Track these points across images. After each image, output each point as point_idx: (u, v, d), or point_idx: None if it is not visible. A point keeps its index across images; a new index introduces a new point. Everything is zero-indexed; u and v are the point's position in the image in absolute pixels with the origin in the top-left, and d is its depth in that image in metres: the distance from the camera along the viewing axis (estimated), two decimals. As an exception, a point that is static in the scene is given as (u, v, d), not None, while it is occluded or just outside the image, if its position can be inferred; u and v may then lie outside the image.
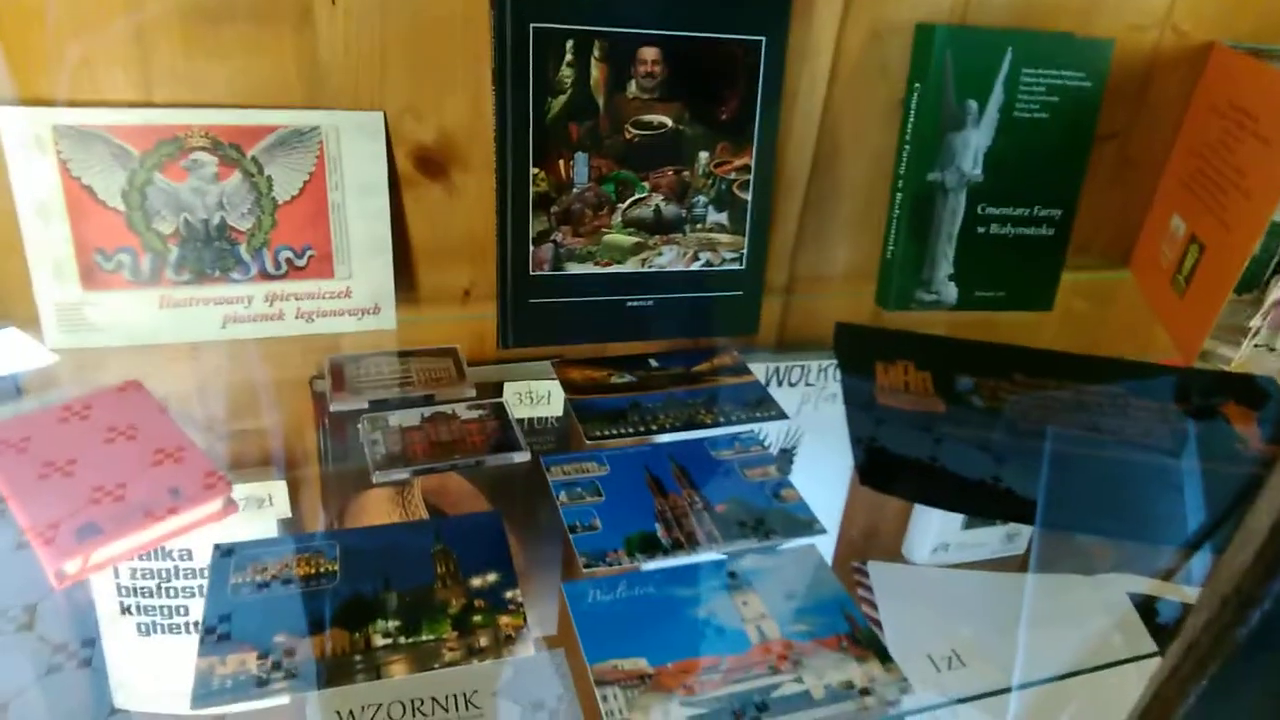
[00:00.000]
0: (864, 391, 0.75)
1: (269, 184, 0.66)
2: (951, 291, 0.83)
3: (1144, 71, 0.84)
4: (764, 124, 0.73)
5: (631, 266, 0.74)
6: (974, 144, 0.78)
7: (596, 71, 0.68)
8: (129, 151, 0.63)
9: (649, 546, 0.61)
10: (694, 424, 0.70)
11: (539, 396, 0.75)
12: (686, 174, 0.73)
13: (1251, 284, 0.76)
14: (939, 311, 0.83)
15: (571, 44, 0.67)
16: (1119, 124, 0.86)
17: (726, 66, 0.71)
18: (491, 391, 0.72)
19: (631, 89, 0.69)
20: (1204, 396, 0.78)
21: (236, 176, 0.66)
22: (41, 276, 0.64)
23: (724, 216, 0.75)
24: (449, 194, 0.72)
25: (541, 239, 0.71)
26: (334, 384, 0.68)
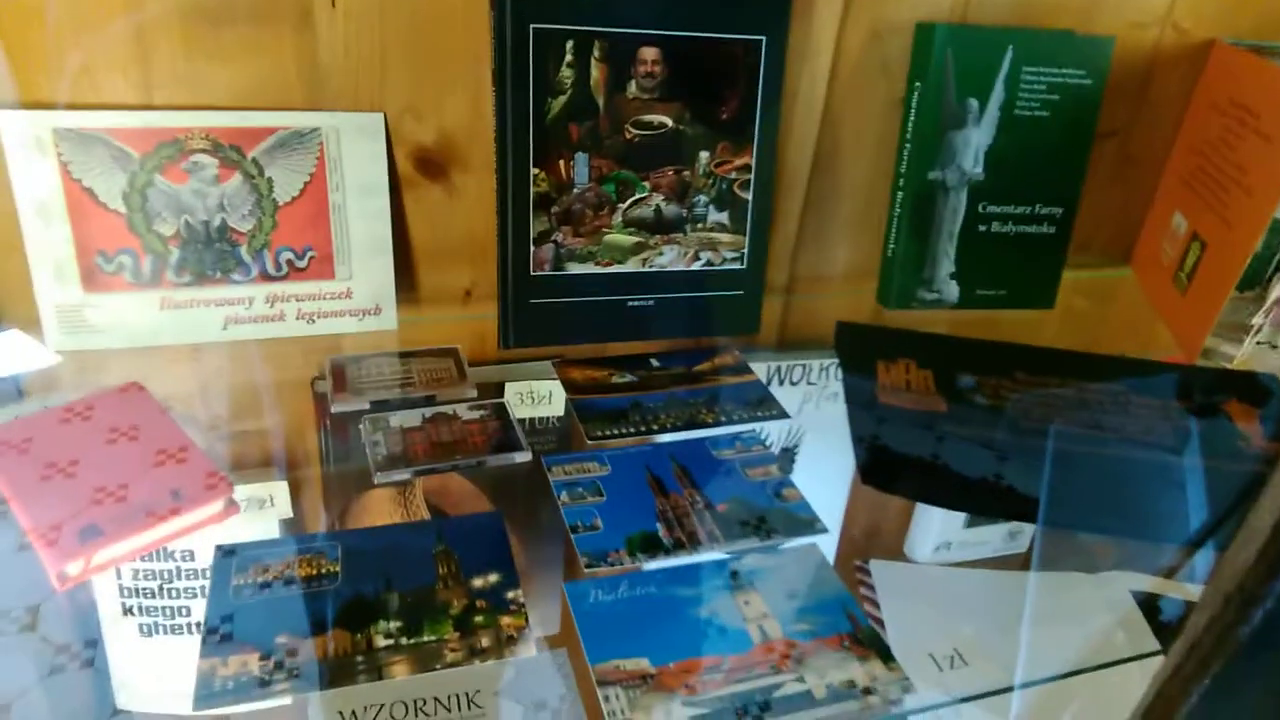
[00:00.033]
0: (865, 390, 0.75)
1: (269, 185, 0.66)
2: (953, 290, 0.83)
3: (1145, 69, 0.84)
4: (764, 123, 0.73)
5: (632, 266, 0.74)
6: (975, 142, 0.78)
7: (596, 72, 0.68)
8: (129, 154, 0.63)
9: (650, 546, 0.61)
10: (695, 423, 0.70)
11: (540, 396, 0.75)
12: (687, 174, 0.73)
13: (1253, 281, 0.75)
14: (940, 310, 0.83)
15: (571, 44, 0.67)
16: (1120, 122, 0.86)
17: (727, 66, 0.71)
18: (493, 392, 0.73)
19: (632, 89, 0.69)
20: (1206, 394, 0.78)
21: (237, 178, 0.66)
22: (42, 278, 0.64)
23: (725, 216, 0.75)
24: (449, 194, 0.72)
25: (542, 239, 0.71)
26: (335, 385, 0.68)
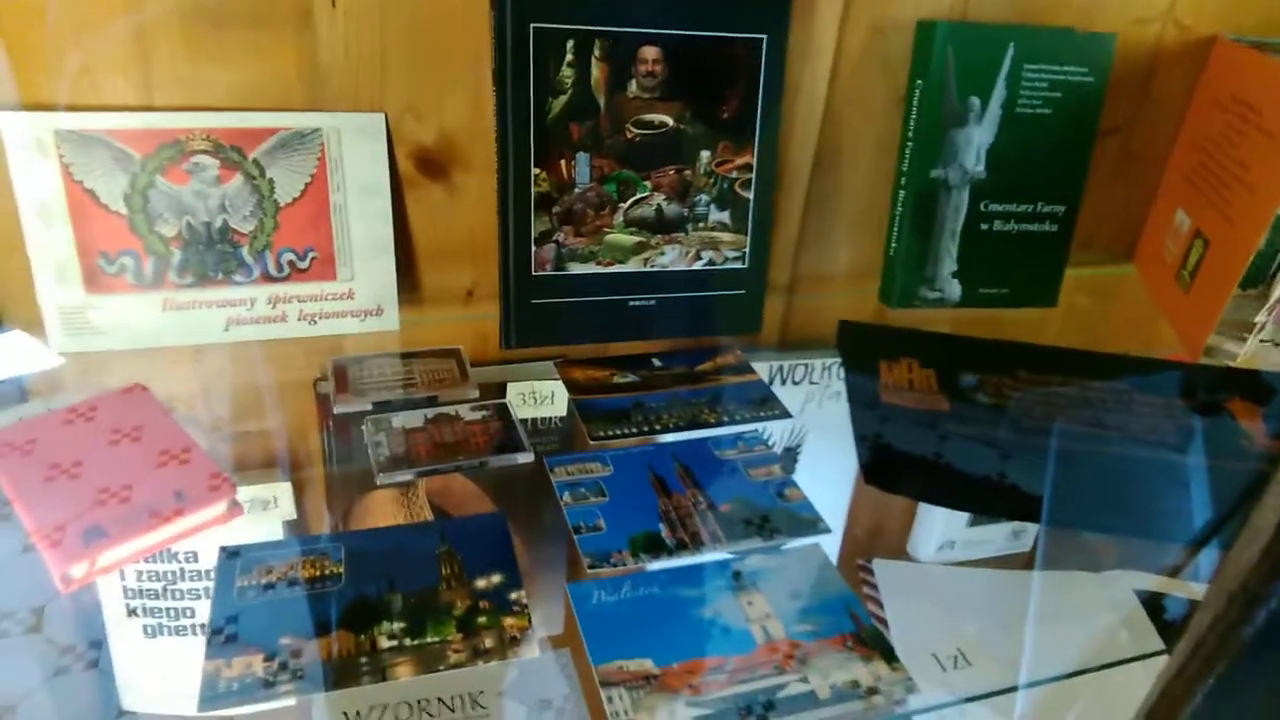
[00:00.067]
0: (868, 390, 0.75)
1: (270, 186, 0.66)
2: (955, 289, 0.83)
3: (1146, 66, 0.84)
4: (765, 122, 0.73)
5: (634, 266, 0.74)
6: (976, 140, 0.78)
7: (597, 71, 0.68)
8: (130, 155, 0.63)
9: (653, 547, 0.61)
10: (697, 423, 0.70)
11: (542, 397, 0.75)
12: (688, 173, 0.73)
13: (1257, 279, 0.75)
14: (942, 309, 0.83)
15: (572, 44, 0.66)
16: (1121, 119, 0.85)
17: (727, 65, 0.71)
18: (495, 392, 0.72)
19: (632, 88, 0.69)
20: (1209, 392, 0.77)
21: (238, 179, 0.66)
22: (44, 280, 0.64)
23: (726, 215, 0.75)
24: (450, 195, 0.72)
25: (543, 239, 0.71)
26: (337, 386, 0.68)
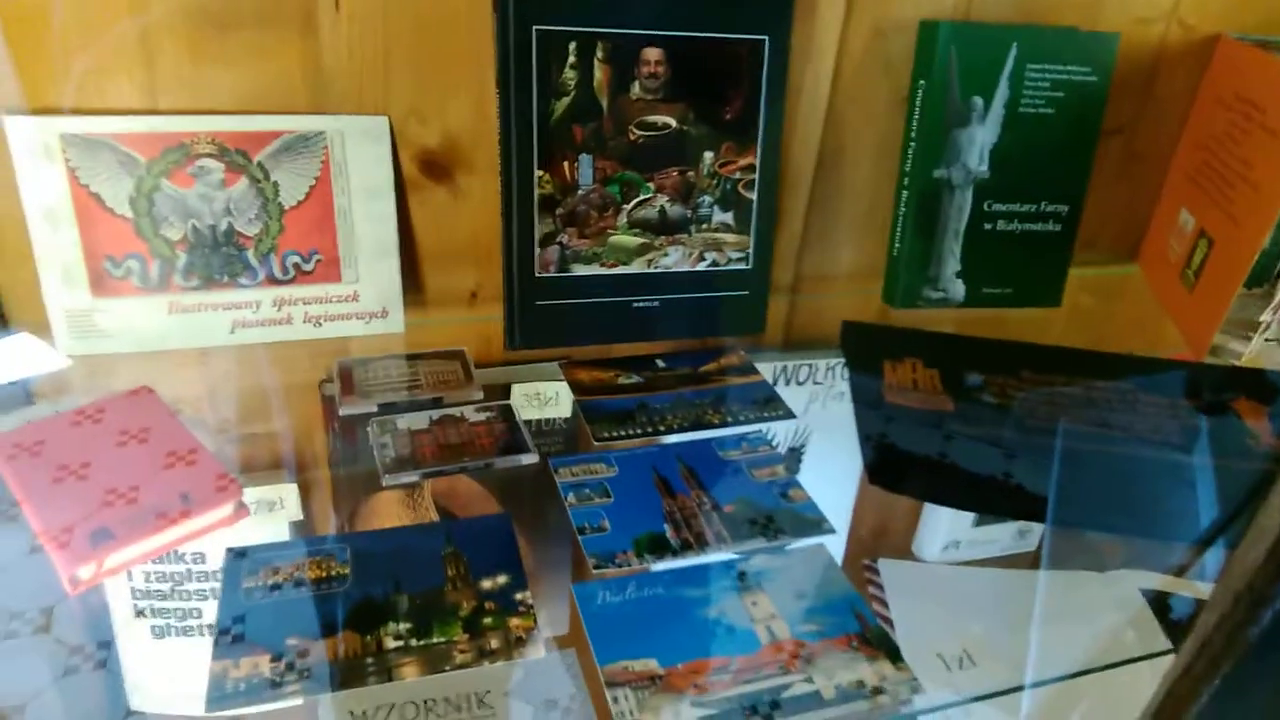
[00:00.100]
0: (872, 390, 0.75)
1: (275, 189, 0.67)
2: (959, 289, 0.83)
3: (1150, 65, 0.83)
4: (768, 123, 0.73)
5: (637, 267, 0.74)
6: (980, 140, 0.78)
7: (600, 73, 0.68)
8: (136, 159, 0.63)
9: (658, 547, 0.61)
10: (702, 424, 0.70)
11: (547, 398, 0.75)
12: (691, 174, 0.73)
13: (1262, 278, 0.75)
14: (946, 309, 0.83)
15: (574, 46, 0.67)
16: (1125, 119, 0.85)
17: (730, 66, 0.71)
18: (499, 393, 0.73)
19: (635, 90, 0.69)
20: (1215, 392, 0.77)
21: (243, 182, 0.66)
22: (51, 283, 0.64)
23: (729, 216, 0.75)
24: (454, 197, 0.72)
25: (547, 241, 0.71)
26: (343, 387, 0.69)
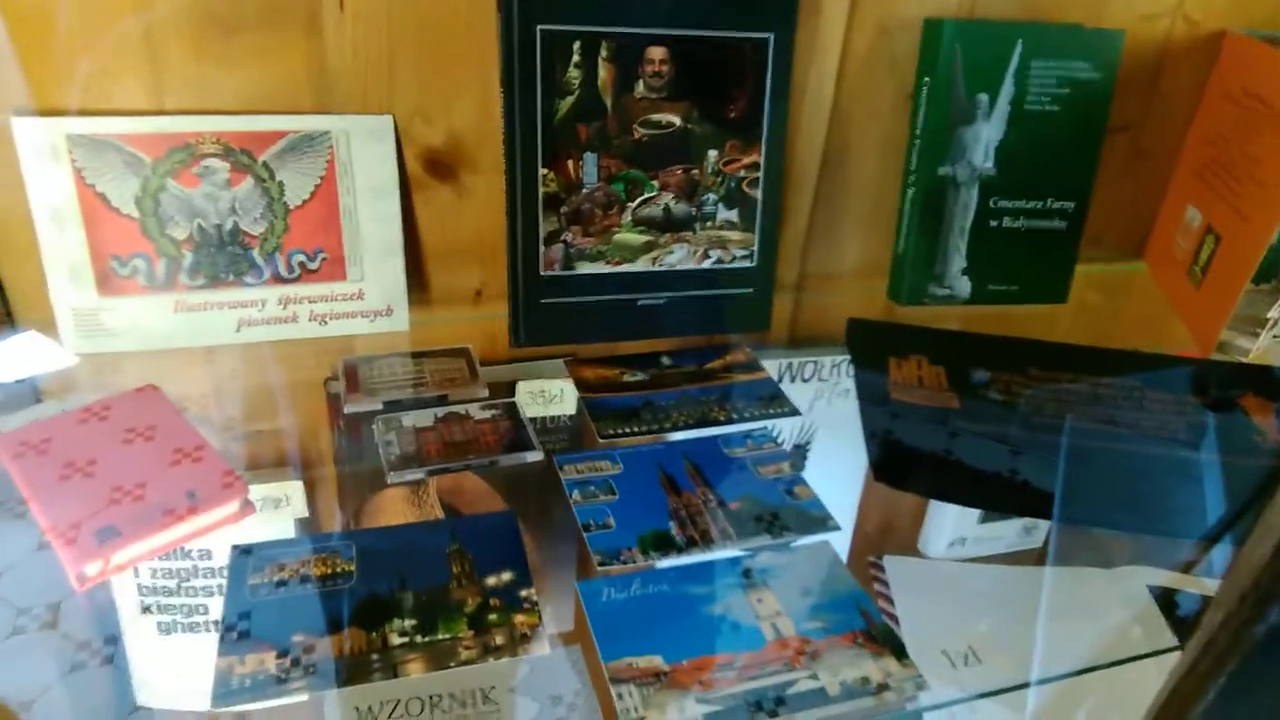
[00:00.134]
0: (877, 387, 0.75)
1: (280, 189, 0.67)
2: (964, 286, 0.82)
3: (1155, 62, 0.83)
4: (773, 121, 0.73)
5: (642, 265, 0.74)
6: (985, 137, 0.78)
7: (604, 72, 0.68)
8: (142, 159, 0.64)
9: (663, 544, 0.61)
10: (707, 421, 0.70)
11: (551, 396, 0.75)
12: (696, 172, 0.73)
13: (1269, 274, 0.75)
14: (952, 306, 0.83)
15: (579, 45, 0.67)
16: (1131, 115, 0.85)
17: (734, 64, 0.71)
18: (504, 391, 0.73)
19: (639, 89, 0.69)
20: (1222, 388, 0.77)
21: (248, 182, 0.66)
22: (58, 282, 0.64)
23: (734, 214, 0.75)
24: (459, 195, 0.72)
25: (552, 239, 0.71)
26: (348, 385, 0.69)
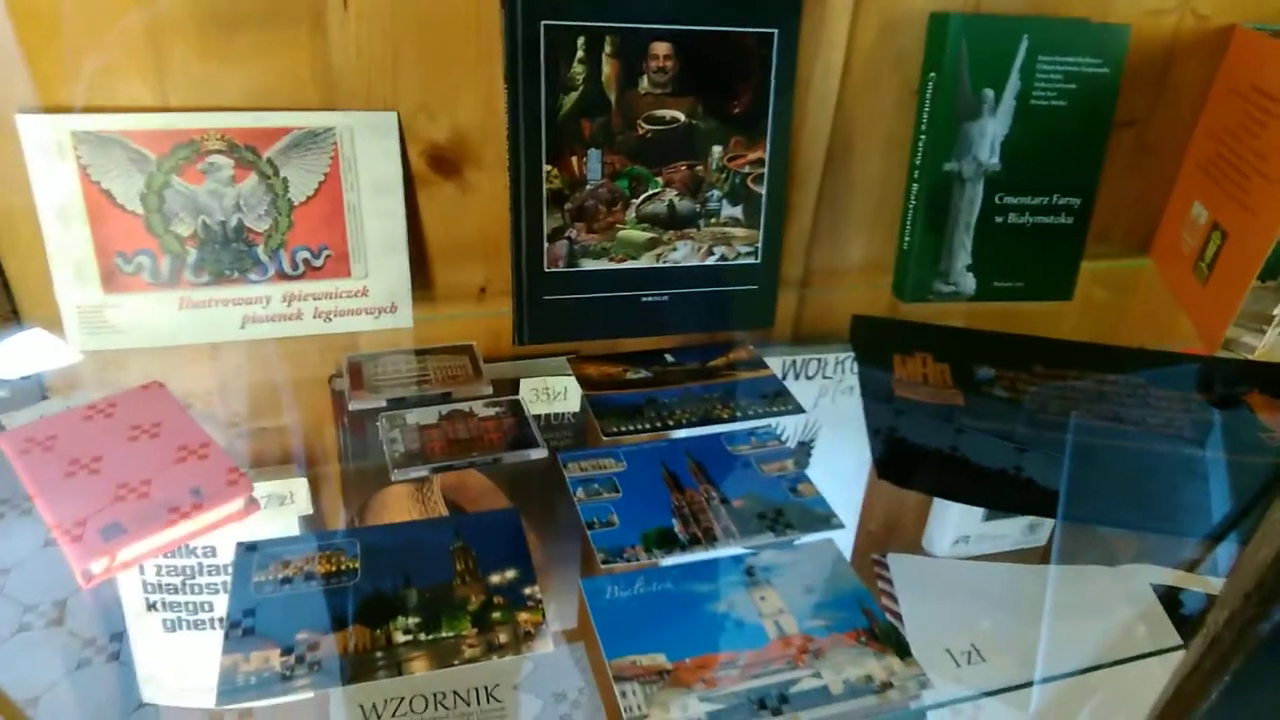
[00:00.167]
0: (882, 384, 0.75)
1: (285, 185, 0.67)
2: (969, 282, 0.82)
3: (1162, 56, 0.83)
4: (777, 117, 0.73)
5: (646, 262, 0.74)
6: (991, 133, 0.77)
7: (608, 67, 0.68)
8: (146, 156, 0.64)
9: (666, 542, 0.61)
10: (710, 419, 0.70)
11: (555, 393, 0.75)
12: (700, 168, 0.73)
13: (1276, 270, 0.74)
14: (957, 302, 0.83)
15: (583, 41, 0.66)
16: (1137, 110, 0.85)
17: (739, 60, 0.70)
18: (508, 388, 0.73)
19: (643, 84, 0.69)
20: (1227, 385, 0.77)
21: (253, 178, 0.66)
22: (63, 279, 0.65)
23: (738, 210, 0.75)
24: (463, 192, 0.72)
25: (555, 236, 0.71)
26: (352, 382, 0.69)
